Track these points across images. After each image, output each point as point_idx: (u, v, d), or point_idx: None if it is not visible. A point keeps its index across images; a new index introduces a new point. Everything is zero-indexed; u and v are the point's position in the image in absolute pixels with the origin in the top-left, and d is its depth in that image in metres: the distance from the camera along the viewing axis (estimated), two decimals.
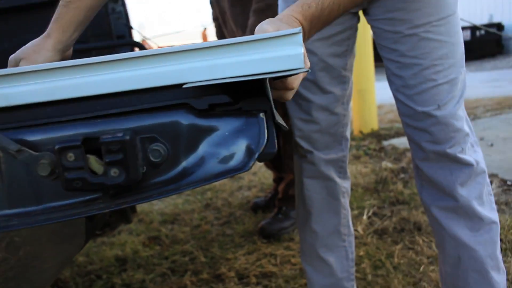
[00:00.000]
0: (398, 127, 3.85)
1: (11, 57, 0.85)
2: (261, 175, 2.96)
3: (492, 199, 1.07)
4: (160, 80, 0.52)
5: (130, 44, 1.80)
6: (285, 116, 2.02)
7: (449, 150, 1.00)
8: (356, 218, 2.06)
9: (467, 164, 1.01)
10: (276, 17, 0.72)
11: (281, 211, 2.11)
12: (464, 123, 1.01)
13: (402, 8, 0.95)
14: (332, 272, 1.27)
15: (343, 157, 1.24)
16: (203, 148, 0.53)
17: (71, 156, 0.49)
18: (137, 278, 1.80)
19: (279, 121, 0.55)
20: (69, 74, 0.52)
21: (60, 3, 0.87)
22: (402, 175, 2.55)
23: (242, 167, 0.52)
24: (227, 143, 0.53)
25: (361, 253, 1.72)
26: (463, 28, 1.16)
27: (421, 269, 1.56)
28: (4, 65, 2.15)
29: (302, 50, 0.52)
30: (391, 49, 1.00)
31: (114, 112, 0.54)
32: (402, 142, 3.30)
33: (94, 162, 0.49)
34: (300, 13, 0.72)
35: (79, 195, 0.53)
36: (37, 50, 0.84)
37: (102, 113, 0.54)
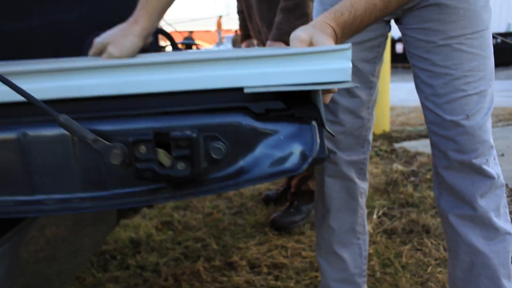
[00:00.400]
0: (409, 130, 3.88)
1: (98, 40, 0.87)
2: None
3: (507, 211, 1.11)
4: (223, 82, 0.57)
5: (160, 33, 1.83)
6: None
7: (474, 161, 1.03)
8: (366, 217, 2.10)
9: (489, 177, 1.04)
10: (310, 23, 0.76)
11: (292, 205, 2.16)
12: (490, 136, 1.04)
13: (437, 19, 0.98)
14: (346, 267, 1.32)
15: (364, 160, 1.28)
16: (259, 149, 0.58)
17: (143, 148, 0.54)
18: (151, 261, 1.86)
19: (327, 129, 0.60)
20: (142, 71, 0.57)
21: None
22: (412, 178, 2.59)
23: (296, 169, 0.57)
24: (282, 146, 0.58)
25: (371, 251, 1.76)
26: None
27: (429, 270, 1.61)
28: (31, 41, 2.19)
29: (350, 64, 0.57)
30: (423, 58, 1.03)
31: (181, 110, 0.59)
32: (413, 145, 3.33)
33: (162, 156, 0.54)
34: (333, 19, 0.76)
35: (145, 184, 0.58)
36: (125, 35, 0.87)
37: (170, 110, 0.59)
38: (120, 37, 0.86)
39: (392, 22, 1.14)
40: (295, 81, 0.57)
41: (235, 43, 11.79)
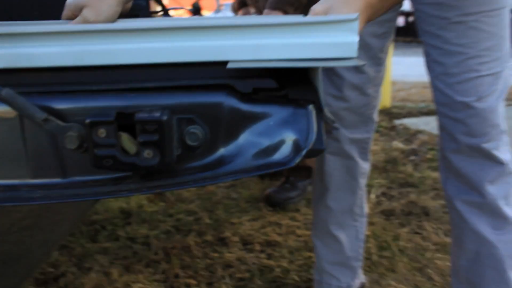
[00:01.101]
0: (410, 107, 3.80)
1: (71, 1, 0.78)
2: None
3: None
4: (203, 54, 0.48)
5: None
6: None
7: (483, 145, 0.98)
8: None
9: (499, 162, 0.99)
10: None
11: (288, 180, 2.10)
12: (502, 120, 0.99)
13: None
14: (341, 249, 1.28)
15: (367, 139, 1.22)
16: (244, 136, 0.49)
17: (102, 132, 0.45)
18: (141, 233, 1.81)
19: (328, 114, 0.51)
20: (104, 38, 0.48)
21: None
22: (412, 157, 2.53)
23: (287, 163, 0.48)
24: (272, 133, 0.49)
25: (368, 232, 1.71)
26: None
27: (427, 255, 1.57)
28: (13, 3, 2.06)
29: (357, 38, 0.48)
30: (435, 35, 0.96)
31: (152, 86, 0.50)
32: (413, 122, 3.26)
33: (126, 141, 0.46)
34: None
35: (108, 171, 0.50)
36: None
37: (138, 86, 0.50)
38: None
39: None
40: (290, 56, 0.48)
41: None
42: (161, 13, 1.88)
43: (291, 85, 0.51)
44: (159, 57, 0.49)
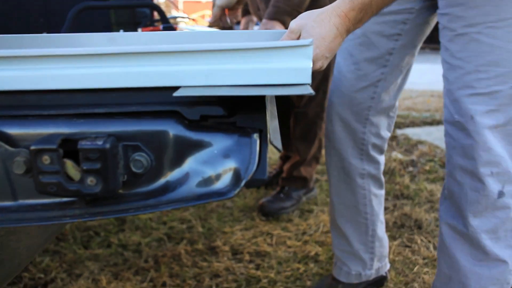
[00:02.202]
0: (414, 116, 3.77)
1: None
2: (269, 149, 2.94)
3: None
4: (152, 80, 0.48)
5: (149, 6, 1.74)
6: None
7: (475, 170, 0.91)
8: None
9: (489, 194, 0.91)
10: (318, 10, 0.70)
11: (283, 190, 2.10)
12: (499, 145, 0.89)
13: (462, 3, 0.86)
14: (348, 241, 1.31)
15: (362, 140, 1.18)
16: (189, 164, 0.50)
17: (46, 159, 0.46)
18: (133, 240, 1.82)
19: (273, 142, 0.51)
20: (57, 63, 0.49)
21: None
22: (410, 168, 2.51)
23: (226, 193, 0.48)
24: (215, 162, 0.49)
25: None
26: None
27: (415, 269, 1.55)
28: (22, 15, 2.10)
29: (310, 64, 0.48)
30: (445, 48, 0.93)
31: (99, 112, 0.50)
32: (416, 133, 3.24)
33: (70, 168, 0.47)
34: (349, 3, 0.70)
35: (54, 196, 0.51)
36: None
37: (86, 111, 0.50)
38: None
39: None
40: (242, 81, 0.48)
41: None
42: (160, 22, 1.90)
43: (241, 111, 0.51)
44: (108, 83, 0.49)
